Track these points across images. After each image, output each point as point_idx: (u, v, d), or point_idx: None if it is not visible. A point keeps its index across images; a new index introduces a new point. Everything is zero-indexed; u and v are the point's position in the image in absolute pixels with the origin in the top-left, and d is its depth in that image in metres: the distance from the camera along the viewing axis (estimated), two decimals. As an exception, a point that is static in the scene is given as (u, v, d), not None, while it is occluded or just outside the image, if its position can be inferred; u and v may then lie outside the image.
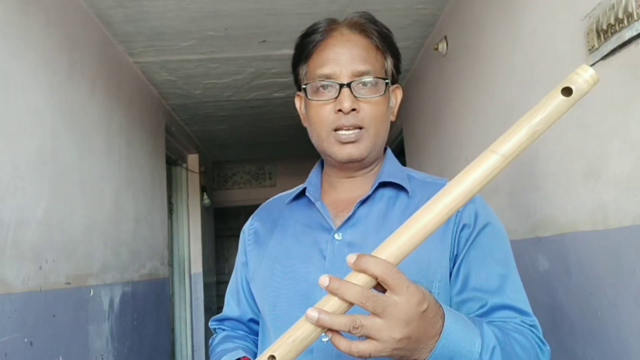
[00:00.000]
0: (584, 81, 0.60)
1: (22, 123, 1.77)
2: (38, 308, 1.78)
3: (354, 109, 0.88)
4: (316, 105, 0.92)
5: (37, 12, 1.93)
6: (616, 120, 1.24)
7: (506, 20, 1.89)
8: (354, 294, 0.56)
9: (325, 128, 0.91)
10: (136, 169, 3.07)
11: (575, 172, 1.44)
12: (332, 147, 0.91)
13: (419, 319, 0.59)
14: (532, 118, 0.61)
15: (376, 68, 0.92)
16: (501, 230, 0.91)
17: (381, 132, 0.93)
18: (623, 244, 1.23)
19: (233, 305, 1.08)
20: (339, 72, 0.89)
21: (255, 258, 1.00)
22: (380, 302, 0.57)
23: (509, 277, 0.86)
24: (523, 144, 0.61)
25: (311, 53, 0.94)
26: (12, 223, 1.66)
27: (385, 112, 0.93)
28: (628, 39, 1.15)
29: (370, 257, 0.57)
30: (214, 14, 2.53)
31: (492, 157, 0.61)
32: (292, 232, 0.96)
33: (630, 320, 1.22)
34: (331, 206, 0.95)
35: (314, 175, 1.02)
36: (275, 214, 1.03)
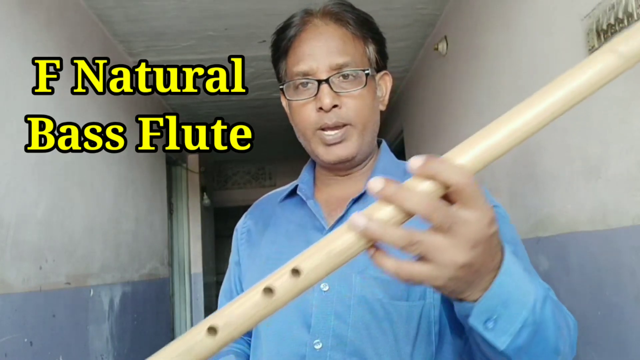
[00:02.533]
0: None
1: (22, 123, 1.77)
2: (38, 308, 1.78)
3: (336, 105, 0.83)
4: (297, 105, 0.87)
5: (37, 12, 1.93)
6: (616, 120, 1.24)
7: (506, 20, 1.89)
8: (418, 202, 0.45)
9: (309, 128, 0.86)
10: (136, 169, 3.07)
11: (575, 172, 1.44)
12: (318, 148, 0.86)
13: (485, 244, 0.48)
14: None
15: (356, 58, 0.85)
16: (508, 217, 0.86)
17: (369, 126, 0.87)
18: (623, 244, 1.23)
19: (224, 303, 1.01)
20: (316, 68, 0.84)
21: (247, 258, 0.97)
22: (450, 215, 0.46)
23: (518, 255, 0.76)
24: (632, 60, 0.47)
25: (287, 49, 0.88)
26: (12, 223, 1.66)
27: (371, 104, 0.86)
28: (628, 39, 1.15)
29: (443, 162, 0.46)
30: (214, 14, 2.53)
31: (609, 57, 0.47)
32: (284, 231, 0.92)
33: (630, 320, 1.22)
34: (324, 205, 0.91)
35: (306, 173, 0.98)
36: (267, 212, 0.99)
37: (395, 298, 0.79)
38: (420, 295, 0.79)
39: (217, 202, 5.91)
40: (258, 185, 6.32)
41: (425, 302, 0.79)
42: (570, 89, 0.48)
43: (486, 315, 0.52)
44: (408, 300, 0.79)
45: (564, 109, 0.48)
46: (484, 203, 0.47)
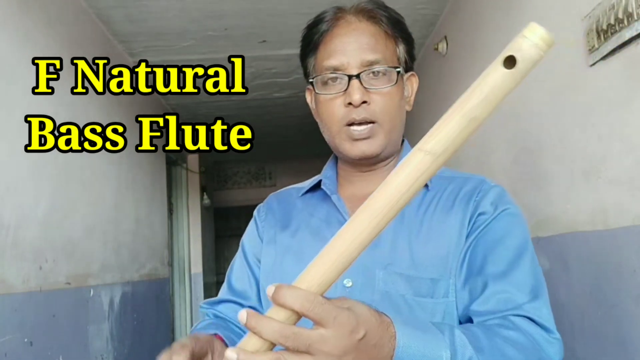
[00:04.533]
0: (532, 45, 0.46)
1: (22, 123, 1.77)
2: (38, 308, 1.78)
3: (365, 101, 0.83)
4: (325, 100, 0.87)
5: (37, 12, 1.93)
6: (616, 120, 1.24)
7: (506, 20, 1.89)
8: (271, 332, 0.49)
9: (335, 123, 0.86)
10: (136, 169, 3.07)
11: (576, 172, 1.44)
12: (344, 144, 0.86)
13: (357, 349, 0.52)
14: (466, 102, 0.48)
15: (387, 56, 0.86)
16: (519, 217, 0.85)
17: (396, 124, 0.87)
18: (623, 244, 1.23)
19: (237, 285, 0.98)
20: (347, 63, 0.84)
21: (266, 244, 0.95)
22: (303, 339, 0.50)
23: (519, 264, 0.79)
24: (457, 136, 0.49)
25: (318, 44, 0.88)
26: (12, 223, 1.66)
27: (398, 103, 0.87)
28: (628, 39, 1.15)
29: (287, 289, 0.50)
30: (214, 14, 2.53)
31: (418, 156, 0.50)
32: (307, 225, 0.92)
33: (630, 320, 1.22)
34: (348, 201, 0.90)
35: (328, 168, 0.97)
36: (288, 205, 0.98)
37: (420, 295, 0.79)
38: (445, 292, 0.80)
39: (217, 202, 5.91)
40: (258, 185, 6.32)
41: (449, 299, 0.80)
42: (384, 200, 0.51)
43: None
44: (433, 298, 0.79)
45: (382, 223, 0.51)
46: (336, 318, 0.51)
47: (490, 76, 0.47)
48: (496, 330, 0.71)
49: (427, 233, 0.83)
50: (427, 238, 0.83)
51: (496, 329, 0.71)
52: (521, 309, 0.75)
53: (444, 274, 0.80)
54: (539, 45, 0.46)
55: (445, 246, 0.81)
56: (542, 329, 0.74)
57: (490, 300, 0.76)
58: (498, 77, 0.47)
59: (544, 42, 0.46)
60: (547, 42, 0.46)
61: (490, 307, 0.76)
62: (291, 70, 3.35)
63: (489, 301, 0.76)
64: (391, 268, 0.81)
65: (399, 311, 0.78)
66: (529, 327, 0.73)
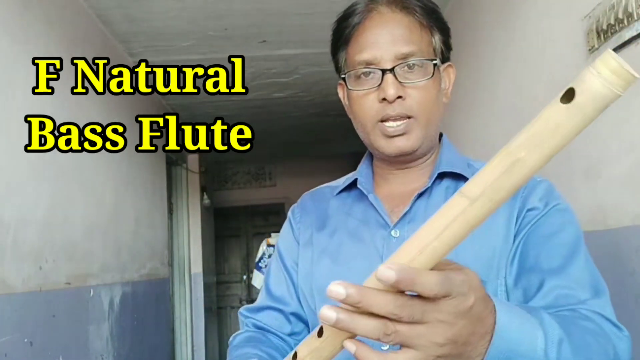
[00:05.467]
0: (597, 77, 0.37)
1: (22, 123, 1.77)
2: (38, 308, 1.78)
3: (400, 96, 0.79)
4: (358, 96, 0.83)
5: (37, 13, 1.93)
6: (616, 120, 1.24)
7: (506, 20, 1.89)
8: (383, 303, 0.44)
9: (369, 120, 0.82)
10: (136, 169, 3.07)
11: (575, 172, 1.44)
12: (379, 140, 0.82)
13: (465, 317, 0.47)
14: (514, 140, 0.42)
15: (422, 48, 0.81)
16: (570, 213, 0.81)
17: (433, 119, 0.83)
18: (623, 244, 1.23)
19: (276, 291, 0.93)
20: (381, 57, 0.80)
21: (302, 246, 0.91)
22: (418, 307, 0.45)
23: (575, 259, 0.76)
24: (498, 179, 0.41)
25: (349, 38, 0.84)
26: (12, 223, 1.66)
27: (435, 96, 0.82)
28: (628, 39, 1.15)
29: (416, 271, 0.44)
30: (214, 14, 2.53)
31: (454, 200, 0.44)
32: (344, 226, 0.88)
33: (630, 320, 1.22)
34: (385, 200, 0.86)
35: (364, 166, 0.93)
36: (322, 205, 0.94)
37: None
38: (493, 294, 0.76)
39: (217, 202, 5.91)
40: (258, 185, 6.32)
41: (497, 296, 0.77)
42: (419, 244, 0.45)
43: None
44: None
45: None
46: (455, 284, 0.46)
47: (544, 112, 0.40)
48: (571, 318, 0.66)
49: (472, 234, 0.79)
50: (471, 239, 0.76)
51: (570, 318, 0.66)
52: (586, 304, 0.71)
53: (491, 275, 0.77)
54: (608, 78, 0.37)
55: (491, 247, 0.78)
56: (611, 324, 0.70)
57: (549, 295, 0.72)
58: (551, 112, 0.40)
59: (616, 76, 0.37)
60: (624, 77, 0.37)
61: (550, 302, 0.72)
62: (291, 70, 3.35)
63: (547, 296, 0.72)
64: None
65: None
66: (600, 321, 0.69)
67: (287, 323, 0.91)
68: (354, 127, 0.88)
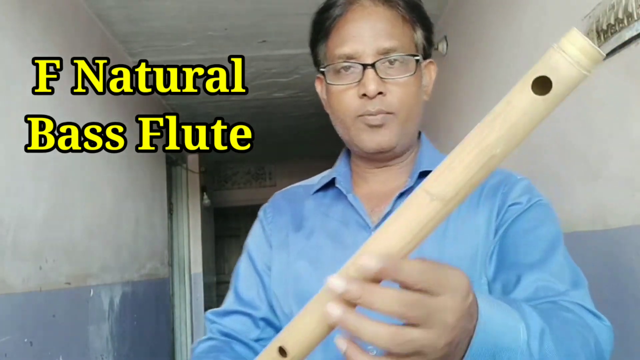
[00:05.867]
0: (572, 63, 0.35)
1: (22, 123, 1.77)
2: (38, 308, 1.78)
3: (381, 92, 0.77)
4: (337, 90, 0.80)
5: (37, 13, 1.93)
6: (616, 120, 1.24)
7: (506, 20, 1.89)
8: (389, 301, 0.40)
9: (349, 115, 0.79)
10: (136, 169, 3.07)
11: (575, 172, 1.44)
12: (360, 134, 0.80)
13: (464, 317, 0.44)
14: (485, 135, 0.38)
15: (404, 43, 0.80)
16: (550, 209, 0.81)
17: (413, 116, 0.81)
18: (623, 244, 1.23)
19: (245, 294, 0.89)
20: (362, 51, 0.77)
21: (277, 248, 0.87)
22: (424, 307, 0.41)
23: (555, 254, 0.75)
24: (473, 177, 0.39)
25: (330, 30, 0.82)
26: (12, 223, 1.66)
27: (416, 93, 0.81)
28: (628, 39, 1.15)
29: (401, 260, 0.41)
30: (214, 14, 2.53)
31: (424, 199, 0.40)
32: (322, 227, 0.84)
33: (630, 320, 1.22)
34: (365, 200, 0.83)
35: (342, 165, 0.90)
36: (297, 204, 0.90)
37: None
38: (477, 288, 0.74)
39: (217, 202, 5.91)
40: (258, 185, 6.32)
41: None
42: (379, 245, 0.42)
43: None
44: None
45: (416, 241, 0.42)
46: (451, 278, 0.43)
47: (516, 103, 0.37)
48: (552, 310, 0.65)
49: (454, 233, 0.78)
50: (454, 239, 0.78)
51: (551, 310, 0.65)
52: (566, 295, 0.70)
53: (475, 273, 0.76)
54: (581, 62, 0.34)
55: (474, 245, 0.77)
56: (592, 315, 0.69)
57: (529, 288, 0.71)
58: (526, 104, 0.36)
59: (588, 58, 0.34)
60: (592, 57, 0.34)
61: (530, 294, 0.70)
62: (291, 70, 3.35)
63: (527, 289, 0.71)
64: None
65: None
66: (581, 312, 0.68)
67: (256, 328, 0.87)
68: (332, 122, 0.85)
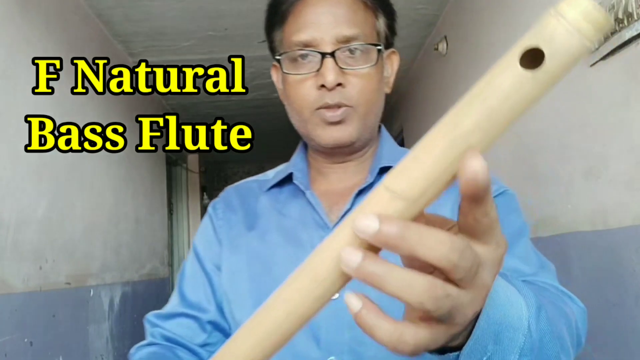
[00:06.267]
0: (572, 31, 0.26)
1: (22, 123, 1.77)
2: (38, 308, 1.78)
3: (340, 83, 0.71)
4: (294, 80, 0.74)
5: (37, 13, 1.93)
6: (616, 120, 1.24)
7: (506, 20, 1.89)
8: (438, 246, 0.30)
9: (306, 108, 0.74)
10: (136, 169, 3.07)
11: (575, 172, 1.44)
12: (316, 129, 0.74)
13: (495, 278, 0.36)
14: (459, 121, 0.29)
15: (366, 31, 0.74)
16: (518, 202, 0.78)
17: (374, 109, 0.75)
18: (623, 244, 1.23)
19: (192, 296, 0.82)
20: (320, 39, 0.72)
21: (227, 248, 0.81)
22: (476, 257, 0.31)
23: (521, 240, 0.71)
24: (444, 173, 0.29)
25: (286, 15, 0.76)
26: (12, 223, 1.66)
27: (377, 85, 0.75)
28: (628, 39, 1.15)
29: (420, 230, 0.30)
30: (214, 14, 2.53)
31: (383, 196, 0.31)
32: (277, 227, 0.79)
33: (630, 320, 1.22)
34: (323, 197, 0.78)
35: (298, 159, 0.85)
36: (251, 201, 0.84)
37: None
38: None
39: (217, 202, 5.91)
40: (258, 185, 6.33)
41: None
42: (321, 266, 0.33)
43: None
44: None
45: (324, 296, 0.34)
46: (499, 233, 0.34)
47: (500, 81, 0.28)
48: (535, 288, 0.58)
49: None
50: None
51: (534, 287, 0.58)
52: (537, 276, 0.65)
53: None
54: (583, 30, 0.26)
55: None
56: (566, 296, 0.64)
57: None
58: (511, 83, 0.27)
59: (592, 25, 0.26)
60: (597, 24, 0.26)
61: None
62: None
63: None
64: None
65: None
66: (556, 291, 0.63)
67: (202, 332, 0.81)
68: (288, 114, 0.80)
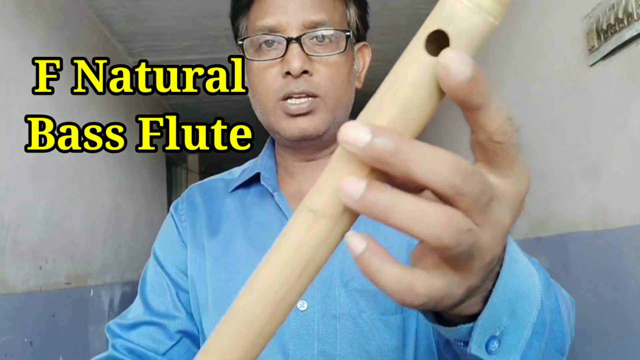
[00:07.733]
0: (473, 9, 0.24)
1: (22, 123, 1.77)
2: (38, 308, 1.78)
3: (306, 71, 0.67)
4: (258, 68, 0.70)
5: (37, 13, 1.93)
6: (616, 120, 1.24)
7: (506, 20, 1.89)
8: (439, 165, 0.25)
9: (270, 97, 0.69)
10: (136, 169, 3.07)
11: (575, 172, 1.44)
12: (280, 121, 0.70)
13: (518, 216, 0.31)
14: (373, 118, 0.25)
15: (334, 18, 0.70)
16: None
17: (343, 101, 0.71)
18: (623, 244, 1.23)
19: (157, 304, 0.77)
20: (286, 23, 0.68)
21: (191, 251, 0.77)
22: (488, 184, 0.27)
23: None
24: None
25: (252, 0, 0.72)
26: (12, 223, 1.66)
27: (346, 76, 0.71)
28: (628, 39, 1.15)
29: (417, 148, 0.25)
30: (214, 14, 2.53)
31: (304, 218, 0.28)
32: (242, 232, 0.74)
33: (630, 320, 1.22)
34: (292, 199, 0.73)
35: (266, 157, 0.80)
36: (215, 203, 0.80)
37: (388, 312, 0.66)
38: None
39: (217, 202, 5.91)
40: (258, 185, 6.32)
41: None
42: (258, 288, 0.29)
43: (489, 334, 0.33)
44: (403, 313, 0.66)
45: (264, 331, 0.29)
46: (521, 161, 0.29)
47: (408, 72, 0.25)
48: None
49: (385, 236, 0.58)
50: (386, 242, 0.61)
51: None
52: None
53: None
54: (484, 5, 0.24)
55: (410, 245, 0.66)
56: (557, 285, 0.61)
57: None
58: (421, 71, 0.25)
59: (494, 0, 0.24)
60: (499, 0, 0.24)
61: None
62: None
63: None
64: (352, 284, 0.66)
65: (366, 335, 0.65)
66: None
67: (169, 341, 0.76)
68: (252, 104, 0.75)
